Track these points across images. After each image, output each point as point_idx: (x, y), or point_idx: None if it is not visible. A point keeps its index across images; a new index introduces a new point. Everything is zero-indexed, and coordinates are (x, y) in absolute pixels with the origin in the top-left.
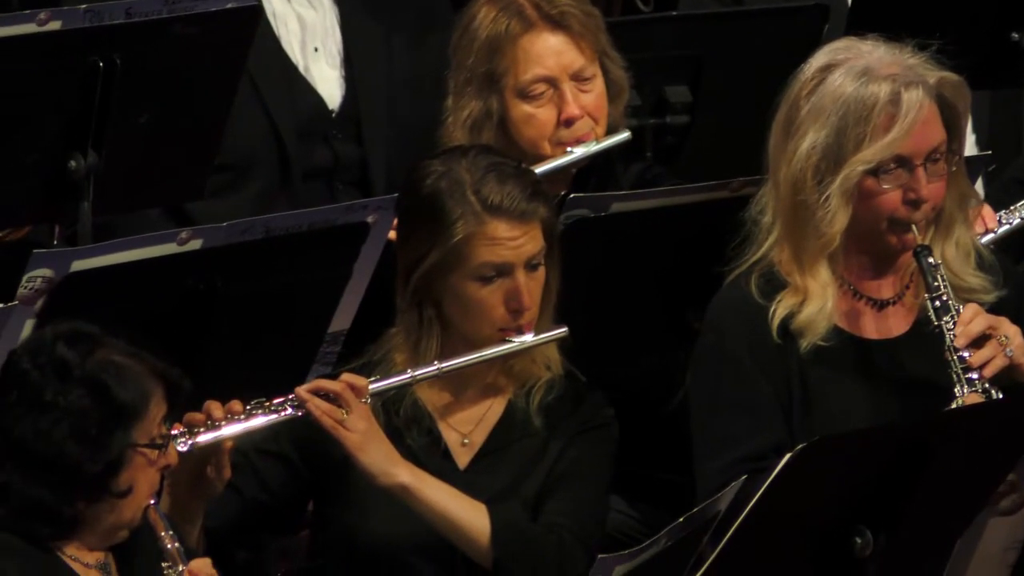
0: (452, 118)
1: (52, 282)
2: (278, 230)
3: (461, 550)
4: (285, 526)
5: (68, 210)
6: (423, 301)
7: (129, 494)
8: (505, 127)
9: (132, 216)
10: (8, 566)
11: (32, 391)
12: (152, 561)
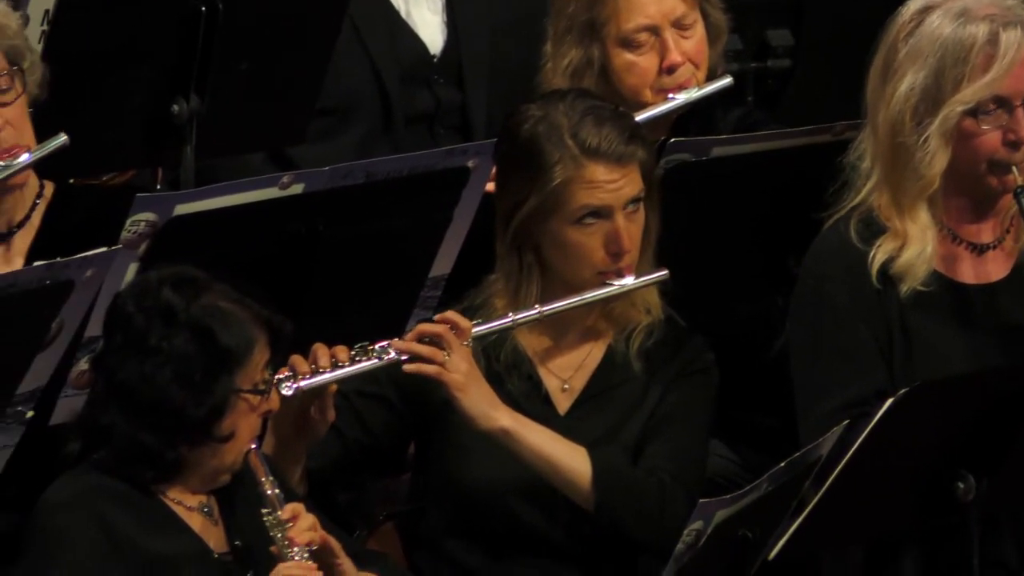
0: (551, 65)
1: (155, 226)
2: (379, 175)
3: (562, 493)
4: (386, 468)
5: (171, 154)
6: (523, 246)
7: (231, 439)
8: (606, 75)
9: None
10: (111, 509)
11: (137, 335)
12: (253, 505)
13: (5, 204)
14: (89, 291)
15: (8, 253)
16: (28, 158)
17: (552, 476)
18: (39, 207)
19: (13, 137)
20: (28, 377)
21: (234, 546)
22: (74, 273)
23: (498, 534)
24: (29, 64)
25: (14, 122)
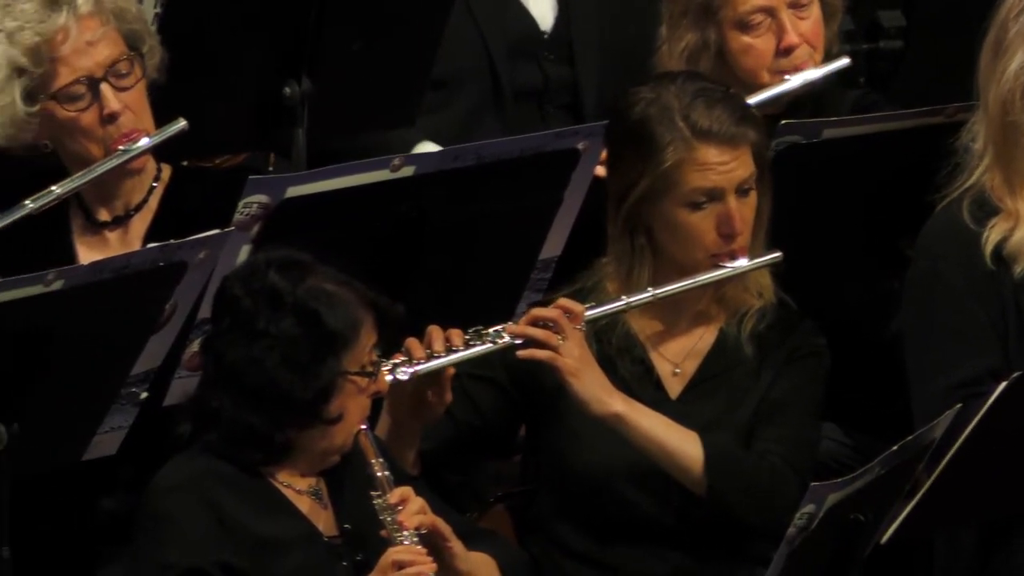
0: (667, 47)
1: (268, 208)
2: (489, 156)
3: (674, 478)
4: (498, 451)
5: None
6: (634, 229)
7: (339, 421)
8: (722, 58)
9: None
10: (221, 492)
11: (244, 318)
12: (363, 487)
13: (123, 188)
14: (202, 273)
15: (126, 236)
16: (147, 142)
17: (664, 461)
18: (156, 190)
19: (132, 121)
20: (142, 359)
21: (343, 529)
22: (187, 255)
23: (608, 518)
24: (148, 48)
25: (133, 106)
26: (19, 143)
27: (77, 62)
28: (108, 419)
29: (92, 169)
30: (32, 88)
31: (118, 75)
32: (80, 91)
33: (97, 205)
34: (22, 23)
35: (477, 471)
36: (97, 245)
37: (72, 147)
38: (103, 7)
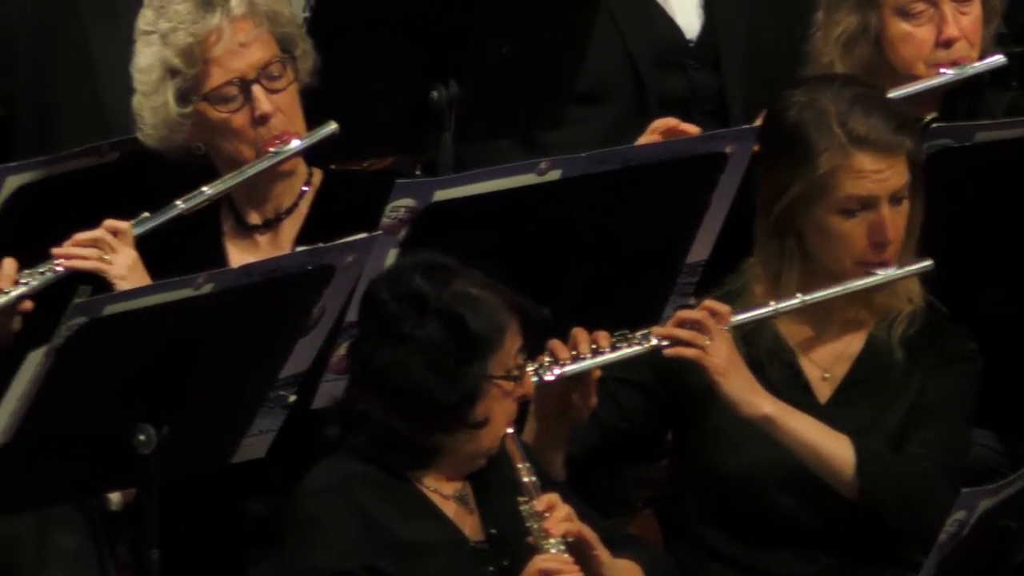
0: (822, 33)
1: (415, 212)
2: (636, 160)
3: (825, 482)
4: (644, 454)
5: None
6: (784, 232)
7: (485, 425)
8: (879, 45)
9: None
10: (368, 496)
11: (390, 323)
12: (509, 493)
13: (274, 191)
14: (350, 276)
15: (276, 240)
16: (298, 145)
17: (815, 464)
18: (307, 194)
19: (284, 124)
20: (290, 362)
21: (489, 534)
22: (335, 259)
23: (756, 521)
24: (301, 52)
25: (285, 109)
26: (172, 145)
27: (230, 63)
28: (257, 422)
29: (243, 170)
30: (185, 89)
31: (270, 77)
32: (232, 92)
33: (248, 208)
34: (175, 24)
35: (623, 475)
36: (247, 248)
37: (224, 149)
38: (256, 9)
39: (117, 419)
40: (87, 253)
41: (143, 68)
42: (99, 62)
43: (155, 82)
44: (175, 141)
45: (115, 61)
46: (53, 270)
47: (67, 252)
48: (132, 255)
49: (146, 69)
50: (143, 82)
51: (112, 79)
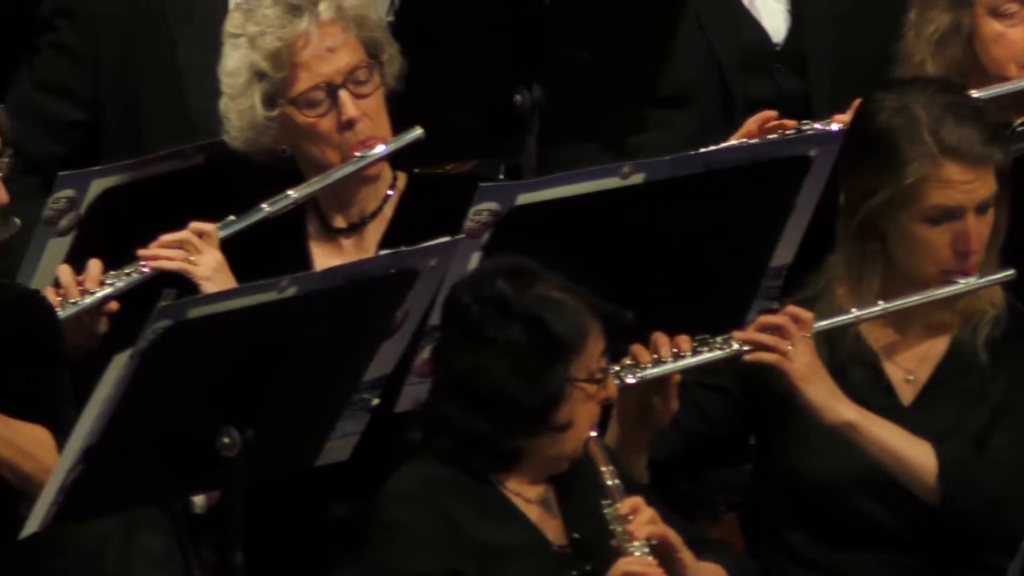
0: (914, 32)
1: (498, 215)
2: (720, 163)
3: (907, 487)
4: (726, 458)
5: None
6: (867, 235)
7: (569, 428)
8: (971, 45)
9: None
10: (451, 499)
11: (472, 326)
12: (592, 497)
13: (359, 195)
14: (433, 280)
15: (361, 243)
16: (383, 150)
17: (896, 469)
18: (392, 199)
19: (369, 128)
20: (374, 365)
21: (573, 538)
22: (418, 262)
23: (838, 525)
24: (388, 57)
25: (371, 114)
26: (258, 147)
27: (317, 68)
28: (340, 425)
29: (328, 174)
30: (272, 93)
31: (357, 82)
32: (319, 97)
33: (333, 212)
34: (264, 28)
35: (706, 479)
36: (332, 251)
37: (309, 152)
38: (344, 14)
39: (201, 422)
40: (173, 254)
41: (230, 71)
42: (184, 65)
43: (242, 85)
44: (261, 144)
45: (200, 64)
46: (139, 271)
47: (153, 253)
48: (217, 257)
49: (233, 72)
50: (230, 85)
51: (197, 82)
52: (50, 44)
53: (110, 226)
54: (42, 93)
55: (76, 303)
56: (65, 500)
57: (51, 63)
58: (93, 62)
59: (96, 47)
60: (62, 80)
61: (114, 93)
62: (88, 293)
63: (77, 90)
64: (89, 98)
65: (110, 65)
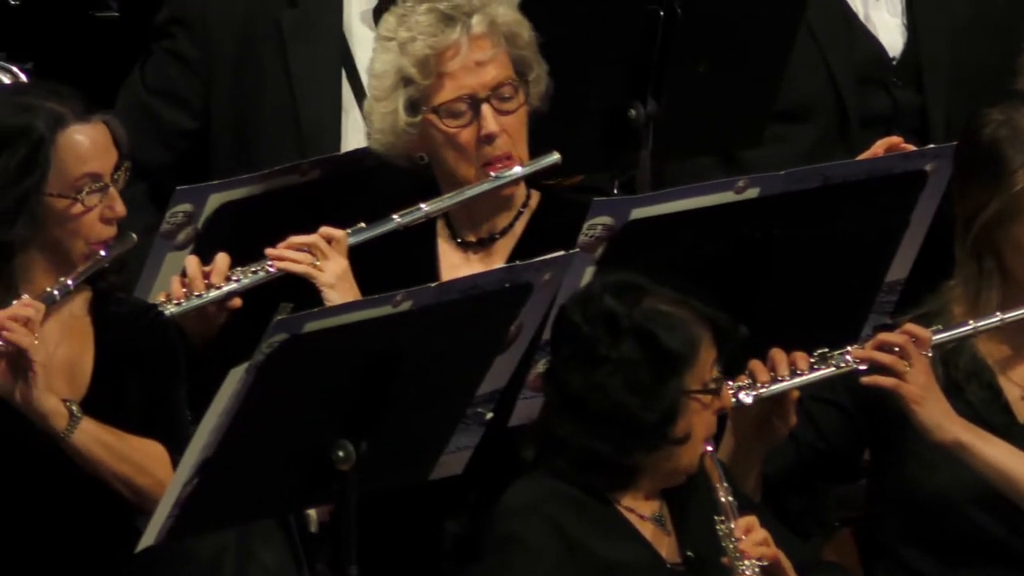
0: None
1: (612, 229)
2: (836, 178)
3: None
4: (841, 474)
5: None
6: (982, 251)
7: (687, 440)
8: None
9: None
10: (567, 515)
11: (584, 345)
12: (706, 513)
13: (491, 211)
14: (547, 294)
15: (489, 258)
16: (519, 172)
17: (1009, 489)
18: (523, 216)
19: (507, 145)
20: (488, 378)
21: (686, 556)
22: (533, 276)
23: (956, 542)
24: (535, 76)
25: (511, 131)
26: (396, 151)
27: (463, 79)
28: (454, 439)
29: (462, 191)
30: (416, 99)
31: (501, 98)
32: (461, 108)
33: (464, 226)
34: (415, 34)
35: (820, 495)
36: (460, 265)
37: (445, 162)
38: (497, 29)
39: (316, 435)
40: (300, 257)
41: (378, 73)
42: (296, 75)
43: (388, 88)
44: (399, 148)
45: (312, 74)
46: (265, 270)
47: (280, 254)
48: (343, 264)
49: (380, 75)
50: (376, 87)
51: (309, 92)
52: (164, 50)
53: (227, 240)
54: (154, 98)
55: (201, 296)
56: (181, 514)
57: (165, 70)
58: (207, 71)
59: (210, 57)
60: (175, 87)
61: (226, 102)
62: (213, 287)
63: (189, 98)
64: (200, 107)
65: (223, 75)
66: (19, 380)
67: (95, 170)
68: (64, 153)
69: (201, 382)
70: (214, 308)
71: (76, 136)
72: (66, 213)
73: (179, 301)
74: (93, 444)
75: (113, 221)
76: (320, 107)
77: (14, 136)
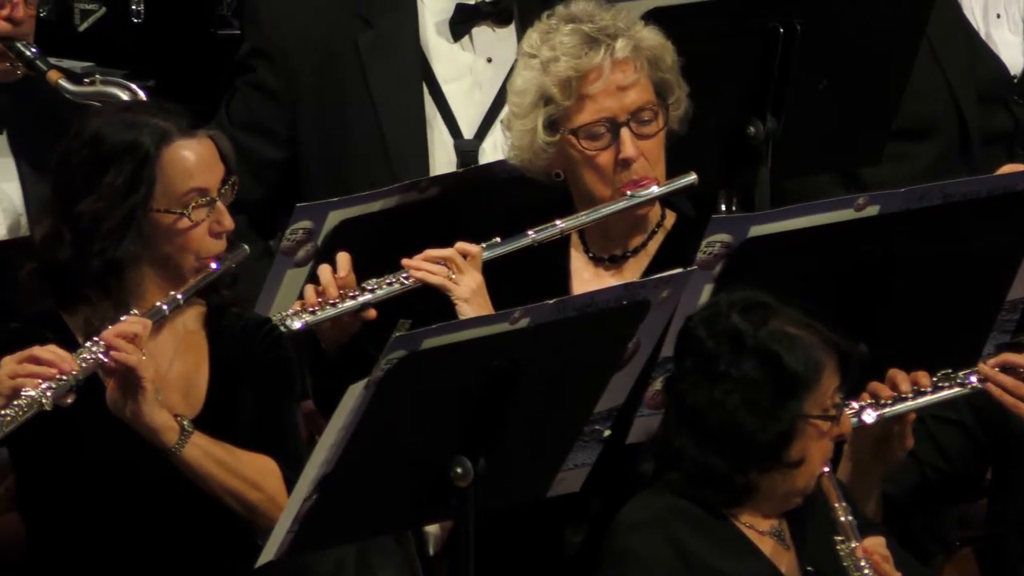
0: None
1: (730, 247)
2: (956, 196)
3: None
4: (964, 494)
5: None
6: None
7: (801, 464)
8: None
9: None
10: (685, 531)
11: (706, 360)
12: (825, 531)
13: (626, 230)
14: (665, 311)
15: (621, 276)
16: (655, 192)
17: None
18: (657, 235)
19: (645, 169)
20: (605, 396)
21: (806, 572)
22: (650, 293)
23: None
24: (675, 99)
25: (649, 155)
26: (533, 168)
27: (603, 102)
28: (572, 456)
29: (597, 209)
30: (555, 118)
31: (640, 122)
32: (600, 131)
33: (598, 243)
34: (558, 54)
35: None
36: (591, 282)
37: (581, 182)
38: (640, 53)
39: (434, 451)
40: (436, 269)
41: (519, 90)
42: (378, 96)
43: (528, 106)
44: (536, 165)
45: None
46: (400, 281)
47: (417, 265)
48: (478, 279)
49: (521, 91)
50: (516, 103)
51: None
52: (247, 84)
53: None
54: (240, 132)
55: (335, 305)
56: (300, 529)
57: (249, 103)
58: (290, 99)
59: (292, 84)
60: (259, 119)
61: (311, 128)
62: (348, 296)
63: (275, 128)
64: (287, 135)
65: (307, 101)
66: (129, 397)
67: (201, 185)
68: (170, 169)
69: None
70: (349, 317)
71: (181, 151)
72: (173, 228)
73: (313, 309)
74: (204, 459)
75: (222, 235)
76: (404, 123)
77: (120, 153)
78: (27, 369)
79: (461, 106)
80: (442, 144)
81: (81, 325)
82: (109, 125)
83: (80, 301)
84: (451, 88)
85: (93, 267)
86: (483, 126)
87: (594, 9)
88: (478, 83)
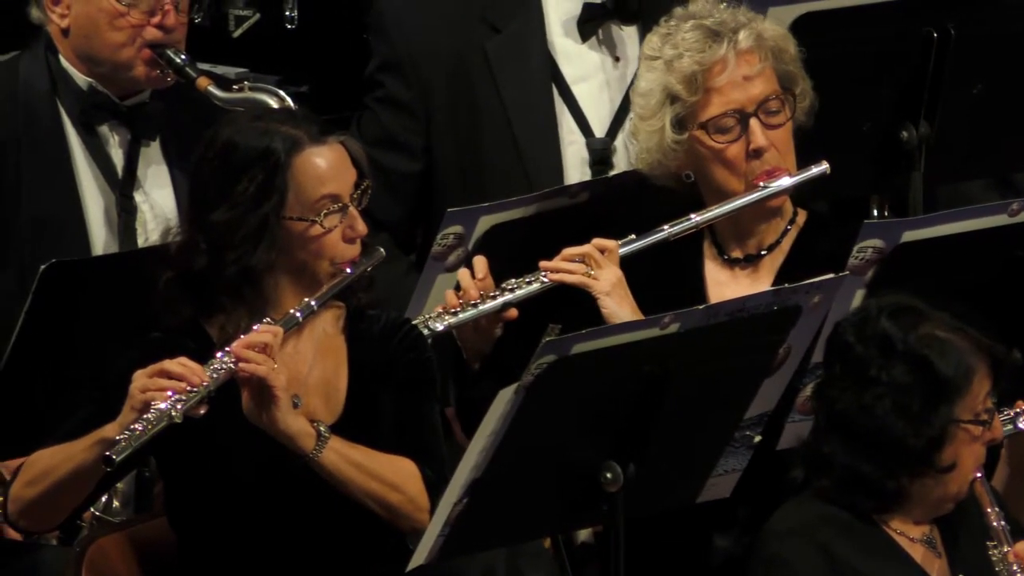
0: None
1: (883, 252)
2: None
3: None
4: None
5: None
6: None
7: (953, 469)
8: None
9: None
10: (834, 538)
11: (856, 365)
12: (977, 537)
13: (759, 226)
14: (816, 317)
15: (756, 275)
16: (788, 182)
17: None
18: (790, 233)
19: (776, 159)
20: (756, 402)
21: None
22: (802, 299)
23: None
24: (800, 91)
25: (779, 145)
26: (662, 170)
27: (730, 94)
28: (722, 462)
29: (731, 201)
30: (682, 116)
31: (768, 112)
32: (729, 124)
33: (731, 241)
34: (682, 51)
35: None
36: (725, 281)
37: (713, 178)
38: (763, 44)
39: (584, 456)
40: (574, 268)
41: (643, 92)
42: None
43: (654, 107)
44: (665, 166)
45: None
46: (539, 281)
47: (555, 266)
48: (617, 273)
49: (646, 93)
50: (642, 106)
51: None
52: (376, 100)
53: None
54: (375, 149)
55: (476, 306)
56: (451, 533)
57: (380, 118)
58: (423, 110)
59: (422, 95)
60: (391, 133)
61: (445, 137)
62: (487, 298)
63: (407, 140)
64: (420, 146)
65: (438, 111)
66: (264, 406)
67: (333, 191)
68: (301, 176)
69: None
70: (488, 320)
71: (313, 158)
72: (306, 235)
73: (455, 310)
74: (342, 463)
75: (355, 240)
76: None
77: (252, 161)
78: (157, 383)
79: (591, 106)
80: (573, 144)
81: (217, 333)
82: (240, 134)
83: (217, 309)
84: (580, 88)
85: (228, 275)
86: (614, 124)
87: (713, 6)
88: (607, 82)
